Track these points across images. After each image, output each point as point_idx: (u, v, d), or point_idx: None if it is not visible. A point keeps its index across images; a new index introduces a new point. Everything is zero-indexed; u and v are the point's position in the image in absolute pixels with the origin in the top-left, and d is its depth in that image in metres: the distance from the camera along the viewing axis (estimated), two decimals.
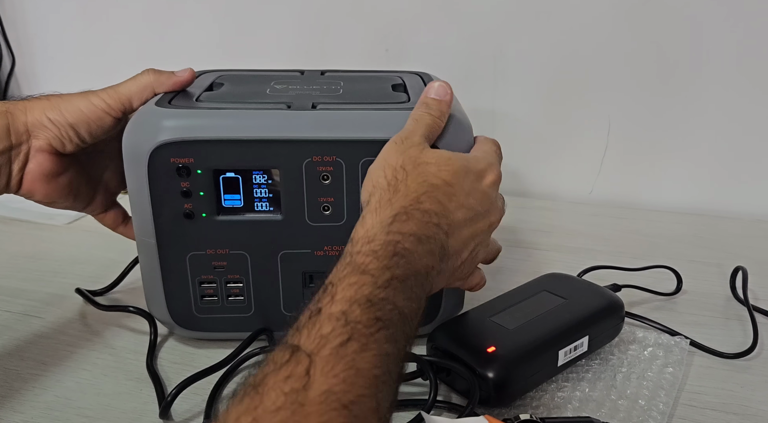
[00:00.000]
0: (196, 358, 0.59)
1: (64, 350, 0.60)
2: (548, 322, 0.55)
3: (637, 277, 0.72)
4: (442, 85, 0.54)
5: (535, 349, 0.53)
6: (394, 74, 0.69)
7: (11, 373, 0.57)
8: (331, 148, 0.53)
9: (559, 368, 0.55)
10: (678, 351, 0.58)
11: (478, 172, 0.49)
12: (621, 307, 0.59)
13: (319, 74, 0.69)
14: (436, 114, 0.52)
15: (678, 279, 0.71)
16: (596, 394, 0.53)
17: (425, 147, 0.49)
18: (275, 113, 0.53)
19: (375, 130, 0.52)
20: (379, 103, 0.57)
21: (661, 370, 0.56)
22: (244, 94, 0.59)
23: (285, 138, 0.52)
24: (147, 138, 0.52)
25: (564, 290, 0.60)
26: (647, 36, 0.90)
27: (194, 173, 0.53)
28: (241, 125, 0.52)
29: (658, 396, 0.53)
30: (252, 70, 0.70)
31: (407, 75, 0.68)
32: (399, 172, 0.46)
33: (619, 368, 0.56)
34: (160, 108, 0.54)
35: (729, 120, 0.91)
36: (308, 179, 0.54)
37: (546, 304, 0.57)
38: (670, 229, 0.89)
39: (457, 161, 0.48)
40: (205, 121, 0.53)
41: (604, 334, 0.58)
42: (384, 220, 0.43)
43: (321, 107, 0.55)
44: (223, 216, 0.55)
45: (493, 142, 0.55)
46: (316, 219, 0.55)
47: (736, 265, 0.72)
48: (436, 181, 0.46)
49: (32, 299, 0.69)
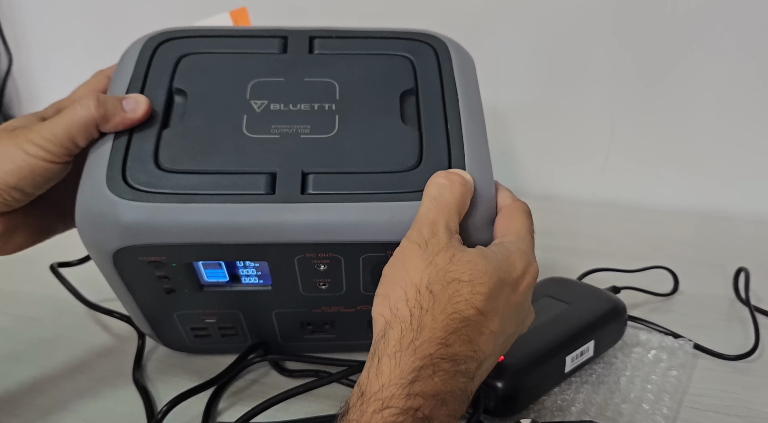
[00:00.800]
0: (190, 361, 0.59)
1: (62, 354, 0.59)
2: (554, 328, 0.54)
3: (634, 278, 0.71)
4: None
5: (543, 356, 0.52)
6: (399, 42, 0.52)
7: (9, 377, 0.56)
8: (328, 248, 0.44)
9: (566, 374, 0.54)
10: (682, 354, 0.58)
11: (514, 281, 0.39)
12: (624, 310, 0.58)
13: (307, 52, 0.51)
14: (458, 186, 0.41)
15: (675, 279, 0.71)
16: (599, 397, 0.53)
17: (454, 248, 0.38)
18: (259, 207, 0.41)
19: (382, 233, 0.42)
20: (388, 174, 0.44)
21: (665, 373, 0.56)
22: (216, 139, 0.45)
23: (272, 242, 0.43)
24: (105, 238, 0.42)
25: (566, 294, 0.59)
26: (651, 34, 0.89)
27: (169, 265, 0.45)
28: (218, 230, 0.41)
29: (662, 400, 0.52)
30: (219, 45, 0.51)
31: (415, 45, 0.52)
32: (424, 297, 0.36)
33: (623, 371, 0.56)
34: (114, 196, 0.41)
35: (732, 119, 0.91)
36: (301, 268, 0.45)
37: (550, 310, 0.56)
38: (674, 230, 0.89)
39: (493, 274, 0.38)
40: (173, 220, 0.41)
41: (609, 338, 0.58)
42: (404, 373, 0.34)
43: (314, 187, 0.43)
44: (208, 289, 0.48)
45: (526, 215, 0.43)
46: (311, 291, 0.48)
47: (739, 267, 0.72)
48: (468, 311, 0.36)
49: (30, 302, 0.68)
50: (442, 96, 0.48)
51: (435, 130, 0.46)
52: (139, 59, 0.49)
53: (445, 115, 0.47)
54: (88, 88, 0.49)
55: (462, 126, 0.46)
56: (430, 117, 0.47)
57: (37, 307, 0.67)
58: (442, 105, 0.48)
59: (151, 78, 0.48)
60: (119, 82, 0.48)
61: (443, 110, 0.48)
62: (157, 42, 0.50)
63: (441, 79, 0.49)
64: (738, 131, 0.91)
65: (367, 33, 0.53)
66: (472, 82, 0.50)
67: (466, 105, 0.48)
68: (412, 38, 0.52)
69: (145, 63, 0.48)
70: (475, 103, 0.49)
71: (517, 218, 0.43)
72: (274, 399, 0.50)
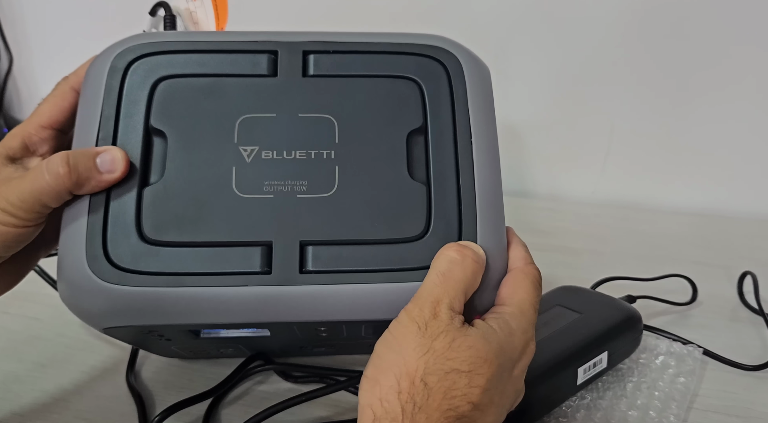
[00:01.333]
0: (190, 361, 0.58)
1: (62, 352, 0.59)
2: (565, 338, 0.52)
3: (649, 287, 0.70)
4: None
5: (554, 368, 0.50)
6: (406, 59, 0.45)
7: (9, 376, 0.56)
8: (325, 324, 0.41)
9: (578, 387, 0.52)
10: (691, 360, 0.57)
11: (514, 361, 0.37)
12: (639, 320, 0.56)
13: (300, 75, 0.44)
14: (470, 263, 0.38)
15: (693, 288, 0.70)
16: (605, 403, 0.52)
17: (455, 331, 0.35)
18: (255, 291, 0.38)
19: (385, 314, 0.39)
20: (393, 245, 0.40)
21: (673, 380, 0.55)
22: (203, 202, 0.40)
23: (268, 322, 0.40)
24: (92, 319, 0.40)
25: (578, 304, 0.57)
26: (650, 35, 0.89)
27: (161, 328, 0.41)
28: (211, 314, 0.39)
29: (670, 407, 0.52)
30: (200, 64, 0.43)
31: (425, 63, 0.45)
32: (418, 390, 0.33)
33: (630, 377, 0.55)
34: (98, 279, 0.38)
35: (732, 118, 0.91)
36: (301, 329, 0.43)
37: (561, 320, 0.55)
38: (674, 229, 0.88)
39: (494, 361, 0.35)
40: (163, 306, 0.38)
41: (623, 349, 0.56)
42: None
43: (314, 263, 0.39)
44: (204, 335, 0.45)
45: (534, 286, 0.40)
46: (312, 338, 0.46)
47: (744, 270, 0.71)
48: (463, 407, 0.34)
49: (31, 302, 0.68)
50: (454, 135, 0.43)
51: (445, 184, 0.42)
52: (108, 86, 0.42)
53: (457, 163, 0.42)
54: (50, 105, 0.43)
55: (475, 177, 0.42)
56: (440, 165, 0.42)
57: (38, 306, 0.67)
58: (454, 149, 0.43)
59: (125, 115, 0.41)
60: (87, 121, 0.41)
61: (455, 156, 0.42)
62: (126, 61, 0.43)
63: (453, 112, 0.43)
64: (740, 129, 0.91)
65: (368, 45, 0.45)
66: (488, 108, 0.45)
67: (481, 144, 0.43)
68: (420, 54, 0.45)
69: (116, 92, 0.42)
70: (489, 137, 0.44)
71: (523, 289, 0.39)
72: (276, 407, 0.49)
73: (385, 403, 0.33)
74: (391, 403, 0.33)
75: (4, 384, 0.55)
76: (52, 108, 0.43)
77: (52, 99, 0.44)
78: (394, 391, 0.33)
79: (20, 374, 0.56)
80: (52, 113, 0.43)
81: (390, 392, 0.33)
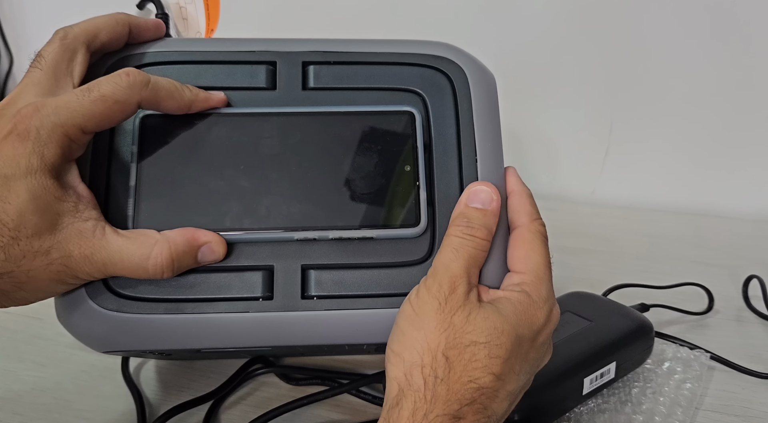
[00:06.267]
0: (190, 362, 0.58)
1: (63, 352, 0.59)
2: (573, 347, 0.51)
3: (662, 294, 0.68)
4: (485, 188, 0.40)
5: (558, 377, 0.49)
6: (409, 70, 0.43)
7: (10, 375, 0.56)
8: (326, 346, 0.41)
9: (583, 397, 0.51)
10: (697, 366, 0.57)
11: (535, 334, 0.38)
12: (650, 330, 0.55)
13: (300, 88, 0.42)
14: (480, 237, 0.38)
15: (710, 297, 0.68)
16: (609, 406, 0.52)
17: (471, 305, 0.36)
18: (256, 318, 0.38)
19: (386, 337, 0.38)
20: (395, 268, 0.40)
21: (679, 385, 0.54)
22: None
23: (269, 346, 0.40)
24: (91, 343, 0.40)
25: (589, 311, 0.56)
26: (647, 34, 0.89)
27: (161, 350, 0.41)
28: (212, 341, 0.39)
29: (675, 413, 0.51)
30: (195, 76, 0.42)
31: (429, 75, 0.43)
32: (440, 364, 0.35)
33: (635, 382, 0.55)
34: (96, 306, 0.38)
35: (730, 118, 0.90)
36: (301, 349, 0.42)
37: (570, 327, 0.53)
38: (673, 229, 0.88)
39: (510, 332, 0.36)
40: (163, 333, 0.38)
41: (633, 360, 0.54)
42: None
43: (316, 287, 0.39)
44: (205, 350, 0.43)
45: (544, 243, 0.40)
46: (313, 350, 0.45)
47: (748, 270, 0.71)
48: (484, 378, 0.35)
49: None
50: (458, 154, 0.42)
51: (449, 205, 0.40)
52: None
53: (461, 184, 0.41)
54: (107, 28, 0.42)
55: None
56: (444, 186, 0.41)
57: (38, 305, 0.66)
58: (459, 168, 0.42)
59: (117, 145, 0.40)
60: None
61: (459, 176, 0.41)
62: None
63: (458, 129, 0.42)
64: (739, 131, 0.91)
65: (370, 55, 0.43)
66: (493, 121, 0.43)
67: (485, 162, 0.42)
68: (423, 64, 0.43)
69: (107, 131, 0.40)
70: (494, 154, 0.42)
71: (535, 251, 0.39)
72: (276, 411, 0.49)
73: (409, 377, 0.35)
74: (414, 377, 0.35)
75: (4, 384, 0.54)
76: (106, 26, 0.43)
77: (105, 24, 0.43)
78: (417, 365, 0.35)
79: (20, 374, 0.56)
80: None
81: (414, 367, 0.35)
